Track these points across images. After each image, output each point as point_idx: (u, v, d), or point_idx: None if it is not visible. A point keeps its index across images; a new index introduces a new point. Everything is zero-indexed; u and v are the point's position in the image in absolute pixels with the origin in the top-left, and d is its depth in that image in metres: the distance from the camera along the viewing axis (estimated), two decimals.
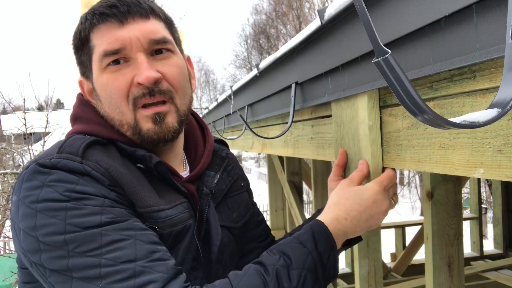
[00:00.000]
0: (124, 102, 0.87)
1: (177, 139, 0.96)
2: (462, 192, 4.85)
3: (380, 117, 1.02)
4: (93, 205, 0.75)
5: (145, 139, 0.89)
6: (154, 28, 0.89)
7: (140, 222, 0.79)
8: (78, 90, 1.00)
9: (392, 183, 0.98)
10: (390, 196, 0.98)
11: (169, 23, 0.95)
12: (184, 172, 1.02)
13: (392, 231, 5.37)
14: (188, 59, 1.03)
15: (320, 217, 0.91)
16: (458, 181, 1.75)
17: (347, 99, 1.10)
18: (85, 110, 0.95)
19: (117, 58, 0.87)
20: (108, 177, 0.80)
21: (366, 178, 1.01)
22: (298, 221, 3.46)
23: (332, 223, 0.88)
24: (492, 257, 4.86)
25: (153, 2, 0.94)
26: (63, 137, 0.94)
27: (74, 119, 0.95)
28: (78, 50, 0.93)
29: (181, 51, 0.99)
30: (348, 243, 1.05)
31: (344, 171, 1.16)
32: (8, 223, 5.67)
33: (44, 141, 5.69)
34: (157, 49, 0.89)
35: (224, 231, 1.01)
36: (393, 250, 5.35)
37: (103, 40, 0.87)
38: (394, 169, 0.99)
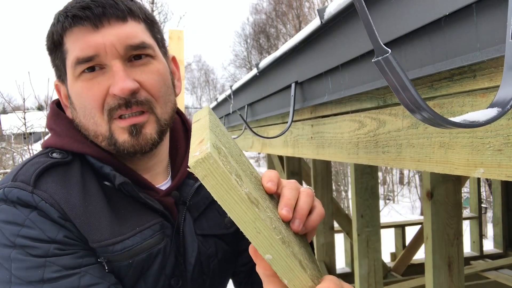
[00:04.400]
0: (98, 113, 0.82)
1: (158, 147, 0.90)
2: (462, 191, 4.85)
3: (380, 117, 1.01)
4: (37, 255, 0.73)
5: (120, 151, 0.83)
6: (132, 32, 0.82)
7: (89, 275, 0.76)
8: None
9: None
10: None
11: (150, 24, 0.88)
12: (165, 181, 0.96)
13: (392, 230, 5.38)
14: (173, 59, 0.97)
15: None
16: (458, 181, 1.75)
17: None
18: (57, 122, 0.91)
19: (91, 65, 0.81)
20: (58, 209, 0.76)
21: None
22: None
23: None
24: (492, 256, 4.88)
25: (133, 0, 0.87)
26: None
27: (49, 129, 0.92)
28: (52, 52, 0.87)
29: (165, 52, 0.92)
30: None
31: None
32: None
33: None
34: (135, 55, 0.83)
35: (210, 240, 0.96)
36: (393, 250, 5.35)
37: (76, 45, 0.80)
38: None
